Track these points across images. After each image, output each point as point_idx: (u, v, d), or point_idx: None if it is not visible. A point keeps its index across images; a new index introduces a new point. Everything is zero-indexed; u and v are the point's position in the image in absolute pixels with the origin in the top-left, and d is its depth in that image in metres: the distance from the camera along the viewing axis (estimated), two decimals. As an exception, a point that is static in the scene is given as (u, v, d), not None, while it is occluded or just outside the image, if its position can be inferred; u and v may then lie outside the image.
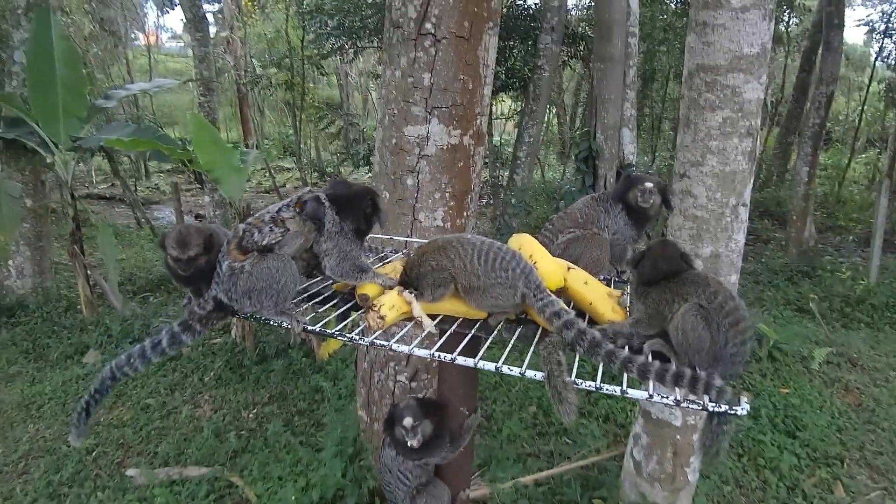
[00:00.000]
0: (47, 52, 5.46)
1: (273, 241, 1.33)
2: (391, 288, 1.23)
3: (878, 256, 7.26)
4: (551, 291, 1.14)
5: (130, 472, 3.58)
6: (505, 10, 9.83)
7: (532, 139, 8.98)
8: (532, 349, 1.02)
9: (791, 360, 5.06)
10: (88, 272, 6.01)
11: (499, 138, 14.99)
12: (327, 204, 1.34)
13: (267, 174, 15.34)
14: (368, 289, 1.24)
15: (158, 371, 5.01)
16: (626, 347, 1.06)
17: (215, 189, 8.42)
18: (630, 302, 1.17)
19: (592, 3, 10.46)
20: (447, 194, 2.71)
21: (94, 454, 3.83)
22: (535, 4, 10.51)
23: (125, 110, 14.00)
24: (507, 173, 10.15)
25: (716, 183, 2.72)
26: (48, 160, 5.84)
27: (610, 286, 1.42)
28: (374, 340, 1.02)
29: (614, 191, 1.77)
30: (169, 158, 5.96)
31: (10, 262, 6.40)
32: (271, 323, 1.31)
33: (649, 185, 1.71)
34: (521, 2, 10.59)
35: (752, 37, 2.57)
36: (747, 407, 0.87)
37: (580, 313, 1.21)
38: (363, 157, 10.64)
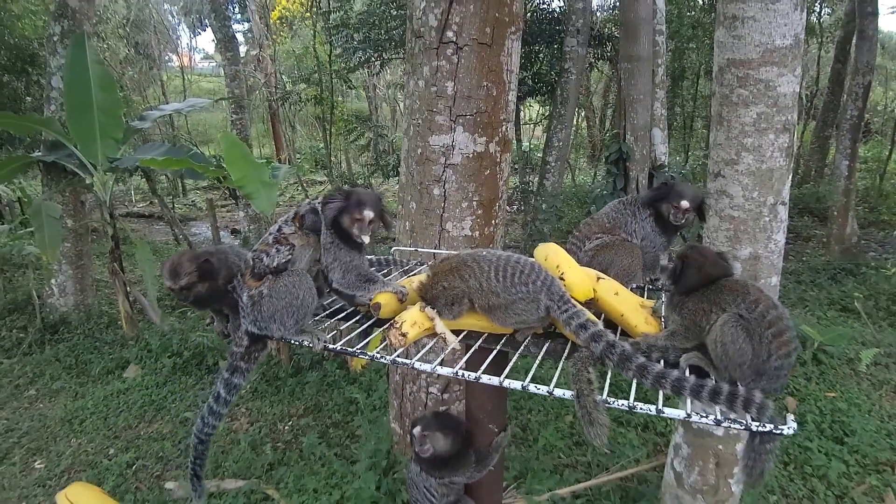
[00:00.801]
0: (83, 76, 5.65)
1: (283, 261, 1.32)
2: (403, 296, 1.20)
3: (925, 251, 6.94)
4: (580, 303, 1.10)
5: (169, 485, 3.63)
6: (529, 14, 9.79)
7: (561, 143, 8.90)
8: (561, 365, 0.98)
9: (837, 363, 4.86)
10: (128, 289, 6.17)
11: (528, 143, 14.89)
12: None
13: (300, 188, 15.58)
14: (382, 298, 1.21)
15: (196, 385, 5.11)
16: (662, 361, 1.00)
17: (249, 204, 8.58)
18: (665, 313, 1.11)
19: (618, 4, 10.32)
20: (475, 203, 2.68)
21: (133, 467, 3.90)
22: (560, 7, 10.44)
23: (161, 130, 14.42)
24: (537, 178, 10.06)
25: (752, 181, 2.62)
26: (87, 181, 6.03)
27: (644, 295, 1.36)
28: (397, 359, 0.99)
29: (645, 195, 1.68)
30: (203, 176, 6.09)
31: (53, 280, 6.62)
32: (293, 343, 1.30)
33: (685, 203, 1.61)
34: (546, 6, 10.52)
35: (784, 28, 2.47)
36: (794, 426, 0.81)
37: (612, 326, 1.15)
38: (392, 167, 10.70)
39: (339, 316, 1.42)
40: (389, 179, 11.93)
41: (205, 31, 25.45)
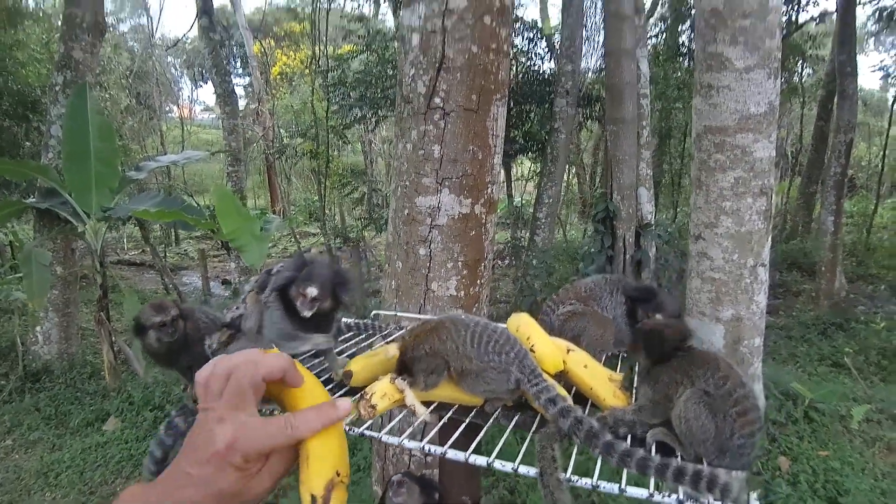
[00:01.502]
0: (83, 126, 5.77)
1: (235, 316, 1.32)
2: (329, 346, 1.20)
3: (913, 305, 7.01)
4: (550, 375, 1.11)
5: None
6: (521, 76, 10.15)
7: (551, 200, 9.06)
8: (527, 441, 0.98)
9: (829, 420, 4.82)
10: (113, 339, 6.10)
11: (519, 199, 15.14)
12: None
13: (293, 239, 15.65)
14: (354, 366, 1.22)
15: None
16: (629, 437, 1.01)
17: (240, 256, 8.62)
18: (637, 384, 1.11)
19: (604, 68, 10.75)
20: (460, 263, 2.71)
21: (108, 526, 3.77)
22: (550, 69, 10.83)
23: (157, 179, 14.59)
24: (527, 234, 10.18)
25: (732, 244, 2.68)
26: (80, 229, 6.06)
27: (618, 366, 1.37)
28: (365, 431, 0.99)
29: (630, 287, 1.64)
30: (195, 227, 6.14)
31: (38, 327, 6.55)
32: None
33: (660, 316, 1.52)
34: (536, 67, 10.92)
35: (759, 96, 2.58)
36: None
37: (583, 397, 1.16)
38: (386, 221, 10.83)
39: None
40: (382, 233, 12.04)
41: (206, 83, 26.16)
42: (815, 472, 4.02)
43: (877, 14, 11.28)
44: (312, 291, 1.19)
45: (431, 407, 1.10)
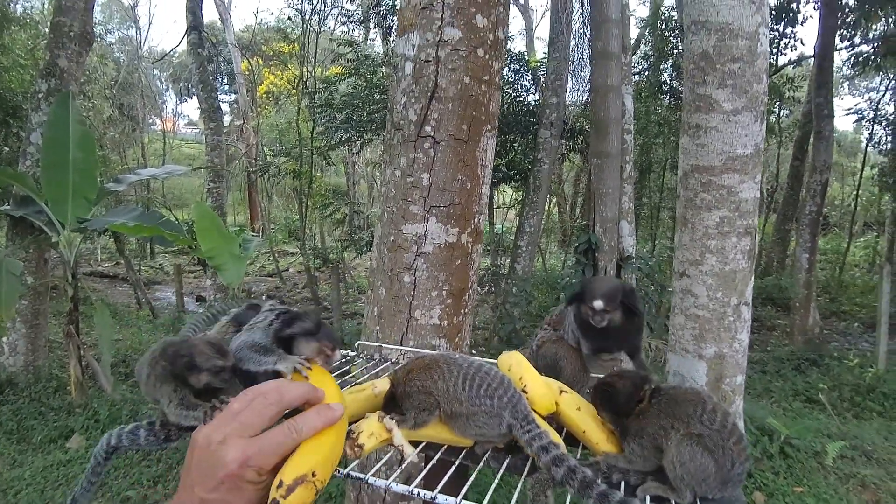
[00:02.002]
0: (63, 135, 5.66)
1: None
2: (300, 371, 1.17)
3: (885, 343, 7.18)
4: (542, 416, 1.08)
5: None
6: (506, 106, 10.29)
7: (533, 228, 9.13)
8: (520, 487, 0.95)
9: (804, 456, 4.84)
10: (82, 353, 5.92)
11: (500, 226, 15.24)
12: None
13: (271, 258, 15.48)
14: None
15: (143, 461, 4.81)
16: (623, 483, 0.98)
17: (217, 273, 8.47)
18: (621, 441, 1.08)
19: (589, 102, 10.97)
20: (444, 292, 2.69)
21: (65, 553, 3.59)
22: (535, 101, 11.01)
23: (135, 192, 14.37)
24: (508, 261, 10.21)
25: (716, 282, 2.70)
26: (54, 239, 5.91)
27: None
28: (350, 472, 0.95)
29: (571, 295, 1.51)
30: (172, 243, 6.03)
31: (4, 339, 6.32)
32: None
33: (598, 304, 1.39)
34: (521, 98, 11.09)
35: (745, 138, 2.63)
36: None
37: (573, 439, 1.13)
38: (367, 243, 10.81)
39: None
40: (362, 255, 11.99)
41: (191, 98, 26.04)
42: (791, 509, 4.03)
43: (852, 59, 11.72)
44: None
45: (419, 447, 1.06)
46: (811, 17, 11.50)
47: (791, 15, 11.28)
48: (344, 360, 1.64)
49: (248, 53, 19.19)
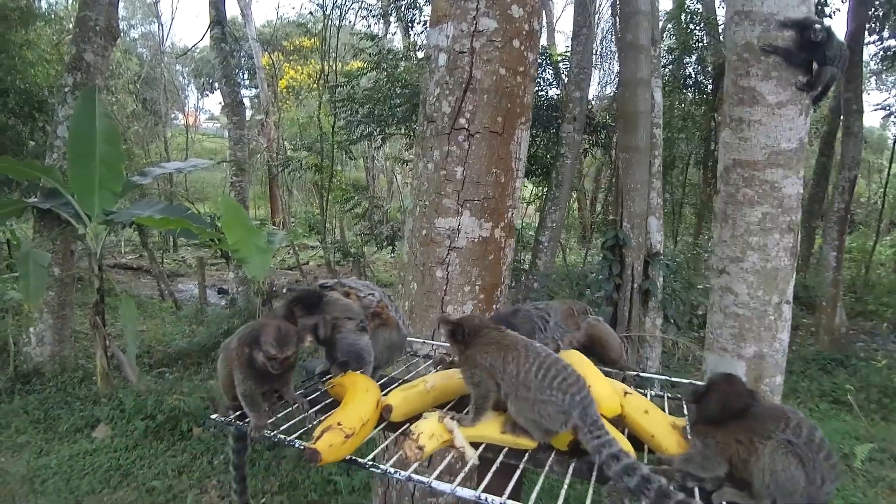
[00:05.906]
0: (90, 129, 5.70)
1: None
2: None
3: (913, 343, 6.98)
4: (606, 418, 1.03)
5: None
6: (529, 100, 10.18)
7: (555, 224, 9.04)
8: (590, 495, 0.90)
9: (832, 459, 4.74)
10: (108, 344, 5.98)
11: (521, 222, 15.13)
12: None
13: (291, 251, 15.56)
14: (393, 399, 1.14)
15: (168, 451, 4.85)
16: (697, 490, 0.93)
17: (239, 266, 8.51)
18: (689, 433, 1.03)
19: (614, 95, 10.80)
20: (477, 287, 2.64)
21: (92, 541, 3.63)
22: (557, 95, 10.89)
23: (158, 185, 14.53)
24: (529, 257, 10.13)
25: (757, 280, 2.62)
26: (80, 231, 5.97)
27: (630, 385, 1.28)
28: (412, 475, 0.91)
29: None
30: (198, 236, 6.06)
31: (32, 328, 6.41)
32: None
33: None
34: (544, 93, 10.97)
35: (790, 132, 2.54)
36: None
37: (637, 439, 1.08)
38: (386, 237, 10.79)
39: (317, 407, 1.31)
40: (382, 250, 11.97)
41: (213, 93, 26.24)
42: (821, 514, 3.93)
43: (881, 53, 11.41)
44: None
45: (480, 449, 1.02)
46: (838, 10, 11.24)
47: (820, 7, 11.01)
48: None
49: (269, 48, 19.25)
